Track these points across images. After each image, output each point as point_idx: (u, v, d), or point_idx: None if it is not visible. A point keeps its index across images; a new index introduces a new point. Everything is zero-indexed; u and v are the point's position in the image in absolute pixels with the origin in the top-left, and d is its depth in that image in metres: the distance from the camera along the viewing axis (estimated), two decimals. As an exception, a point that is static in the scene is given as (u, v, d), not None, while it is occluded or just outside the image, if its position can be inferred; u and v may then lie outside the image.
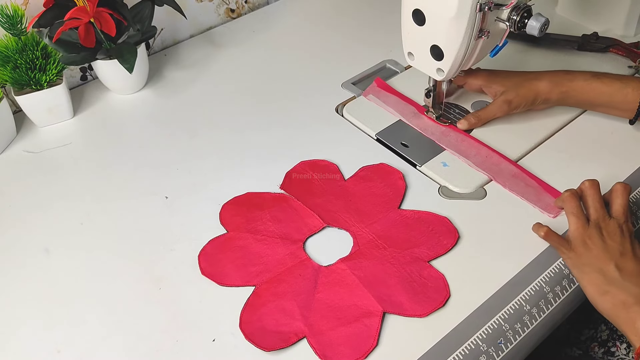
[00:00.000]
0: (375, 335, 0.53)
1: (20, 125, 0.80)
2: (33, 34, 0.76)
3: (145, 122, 0.80)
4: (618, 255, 0.56)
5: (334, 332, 0.54)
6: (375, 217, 0.64)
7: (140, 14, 0.81)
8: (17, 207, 0.69)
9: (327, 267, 0.59)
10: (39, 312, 0.58)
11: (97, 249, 0.63)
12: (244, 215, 0.65)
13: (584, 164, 0.69)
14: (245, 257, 0.61)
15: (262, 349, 0.53)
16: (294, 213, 0.65)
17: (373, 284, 0.57)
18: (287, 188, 0.68)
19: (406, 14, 0.65)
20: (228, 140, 0.75)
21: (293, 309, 0.56)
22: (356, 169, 0.70)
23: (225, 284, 0.58)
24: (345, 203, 0.65)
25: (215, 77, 0.87)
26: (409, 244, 0.61)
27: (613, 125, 0.73)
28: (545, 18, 0.61)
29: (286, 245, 0.61)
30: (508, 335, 0.55)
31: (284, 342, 0.53)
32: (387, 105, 0.77)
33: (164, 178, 0.71)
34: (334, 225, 0.63)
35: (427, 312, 0.55)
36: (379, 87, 0.79)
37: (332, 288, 0.57)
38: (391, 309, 0.55)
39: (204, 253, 0.61)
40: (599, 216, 0.59)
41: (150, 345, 0.54)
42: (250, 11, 1.02)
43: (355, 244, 0.61)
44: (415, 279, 0.57)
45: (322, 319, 0.55)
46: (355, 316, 0.55)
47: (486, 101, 0.78)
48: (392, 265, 0.59)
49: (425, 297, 0.56)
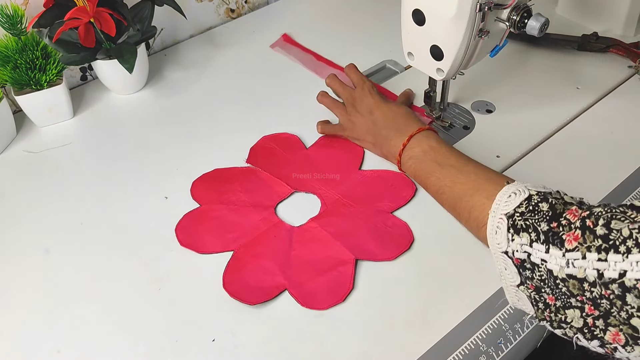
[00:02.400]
0: (351, 280, 0.57)
1: (20, 125, 0.80)
2: (33, 34, 0.76)
3: (145, 122, 0.80)
4: (369, 113, 0.70)
5: (313, 282, 0.57)
6: (339, 179, 0.68)
7: (140, 14, 0.81)
8: (17, 207, 0.69)
9: (299, 227, 0.63)
10: (39, 312, 0.58)
11: (97, 249, 0.63)
12: (215, 189, 0.68)
13: (584, 164, 0.69)
14: (221, 226, 0.63)
15: (248, 303, 0.56)
16: (262, 183, 0.68)
17: (344, 236, 0.61)
18: (253, 161, 0.70)
19: (406, 14, 0.65)
20: (228, 140, 0.75)
21: (272, 266, 0.59)
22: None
23: (204, 252, 0.61)
24: (310, 169, 0.69)
25: (215, 77, 0.87)
26: (372, 199, 0.65)
27: (613, 125, 0.73)
28: (545, 18, 0.61)
29: (258, 212, 0.64)
30: (508, 335, 0.55)
31: (267, 295, 0.56)
32: (291, 55, 0.89)
33: (164, 178, 0.71)
34: (301, 190, 0.67)
35: (395, 255, 0.59)
36: (285, 41, 0.91)
37: (306, 245, 0.61)
38: (362, 256, 0.59)
39: (181, 226, 0.64)
40: (347, 95, 0.73)
41: (150, 345, 0.54)
42: (250, 11, 1.02)
43: (323, 204, 0.65)
44: (381, 228, 0.62)
45: (300, 272, 0.58)
46: (330, 265, 0.58)
47: (486, 101, 0.78)
48: (359, 219, 0.63)
49: (392, 243, 0.60)
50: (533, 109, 0.76)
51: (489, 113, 0.77)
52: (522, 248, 0.47)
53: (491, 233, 0.50)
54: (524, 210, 0.48)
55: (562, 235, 0.44)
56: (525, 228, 0.47)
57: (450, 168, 0.59)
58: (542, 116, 0.75)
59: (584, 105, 0.77)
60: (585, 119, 0.75)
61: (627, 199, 0.65)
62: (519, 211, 0.48)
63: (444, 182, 0.59)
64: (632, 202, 0.43)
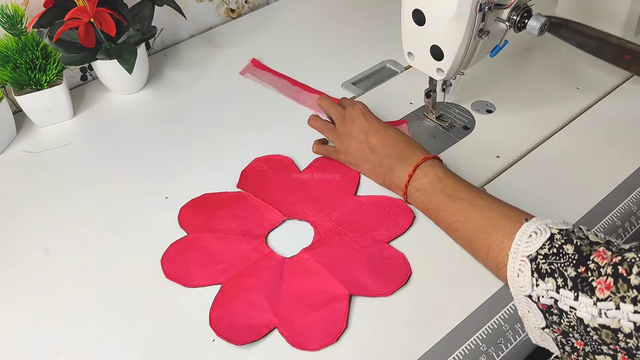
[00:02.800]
0: (344, 318, 0.54)
1: (20, 125, 0.80)
2: (33, 34, 0.76)
3: (145, 122, 0.80)
4: (364, 138, 0.65)
5: (304, 319, 0.54)
6: (333, 206, 0.65)
7: (140, 14, 0.81)
8: (17, 207, 0.69)
9: (291, 258, 0.60)
10: (39, 312, 0.57)
11: (97, 249, 0.63)
12: (204, 216, 0.65)
13: (584, 164, 0.69)
14: (208, 256, 0.61)
15: (235, 343, 0.53)
16: (253, 209, 0.65)
17: (337, 269, 0.58)
18: (243, 186, 0.68)
19: (406, 14, 0.65)
20: (228, 140, 0.75)
21: (261, 301, 0.56)
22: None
23: (191, 285, 0.58)
24: (303, 194, 0.66)
25: (215, 77, 0.87)
26: (367, 228, 0.62)
27: (613, 125, 0.73)
28: (546, 18, 0.61)
29: (248, 241, 0.62)
30: (508, 335, 0.55)
31: (256, 334, 0.53)
32: (263, 82, 0.83)
33: (164, 178, 0.71)
34: (293, 217, 0.64)
35: (391, 291, 0.56)
36: (254, 67, 0.85)
37: (297, 277, 0.58)
38: (357, 291, 0.56)
39: (167, 257, 0.61)
40: (338, 115, 0.69)
41: (150, 345, 0.54)
42: (250, 11, 1.02)
43: (316, 233, 0.62)
44: (377, 259, 0.59)
45: (290, 307, 0.55)
46: (323, 301, 0.56)
47: (486, 101, 0.78)
48: (354, 250, 0.60)
49: (388, 276, 0.57)
50: (533, 109, 0.76)
51: (489, 113, 0.77)
52: (548, 294, 0.45)
53: (512, 276, 0.48)
54: (547, 252, 0.46)
55: (591, 281, 0.42)
56: (550, 273, 0.45)
57: (461, 202, 0.56)
58: (542, 116, 0.75)
59: (584, 105, 0.77)
60: (585, 119, 0.75)
61: (627, 199, 0.65)
62: (542, 253, 0.46)
63: (456, 217, 0.56)
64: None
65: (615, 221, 0.63)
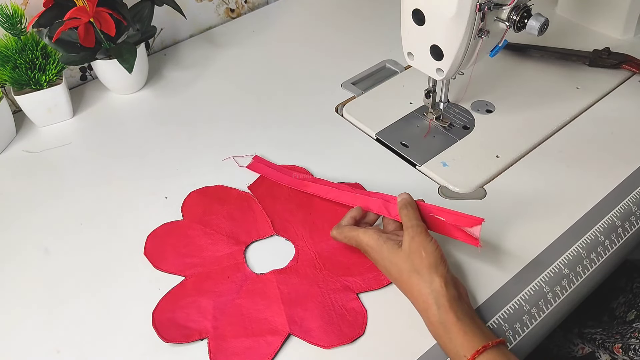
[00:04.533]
0: (272, 355, 0.52)
1: (20, 125, 0.80)
2: (33, 33, 0.76)
3: (145, 122, 0.80)
4: (429, 278, 0.51)
5: (235, 341, 0.53)
6: (326, 236, 0.62)
7: (140, 13, 0.81)
8: (17, 207, 0.68)
9: (257, 275, 0.59)
10: (39, 312, 0.57)
11: (97, 249, 0.63)
12: (205, 205, 0.66)
13: (584, 164, 0.69)
14: (187, 246, 0.62)
15: (162, 338, 0.54)
16: (250, 214, 0.65)
17: (292, 303, 0.56)
18: (254, 189, 0.68)
19: (406, 13, 0.65)
20: (228, 140, 0.75)
21: (207, 308, 0.56)
22: (355, 168, 0.70)
23: (159, 268, 0.60)
24: (304, 215, 0.65)
25: (215, 77, 0.87)
26: (345, 272, 0.59)
27: (613, 125, 0.73)
28: (545, 18, 0.61)
29: (229, 245, 0.62)
30: (508, 335, 0.55)
31: (185, 338, 0.54)
32: (269, 175, 0.70)
33: (164, 178, 0.71)
34: (282, 235, 0.63)
35: (331, 346, 0.53)
36: (257, 163, 0.72)
37: (252, 297, 0.57)
38: (298, 333, 0.54)
39: (153, 235, 0.63)
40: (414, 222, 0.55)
41: (150, 345, 0.54)
42: (250, 11, 1.02)
43: (294, 258, 0.60)
44: (336, 308, 0.56)
45: (230, 325, 0.55)
46: (261, 331, 0.54)
47: (486, 101, 0.78)
48: (320, 289, 0.57)
49: (336, 330, 0.54)
50: (533, 109, 0.76)
51: (489, 113, 0.77)
52: None
53: None
54: None
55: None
56: None
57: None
58: (542, 116, 0.75)
59: (584, 105, 0.77)
60: (585, 119, 0.75)
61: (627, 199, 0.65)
62: None
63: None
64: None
65: (615, 221, 0.63)
